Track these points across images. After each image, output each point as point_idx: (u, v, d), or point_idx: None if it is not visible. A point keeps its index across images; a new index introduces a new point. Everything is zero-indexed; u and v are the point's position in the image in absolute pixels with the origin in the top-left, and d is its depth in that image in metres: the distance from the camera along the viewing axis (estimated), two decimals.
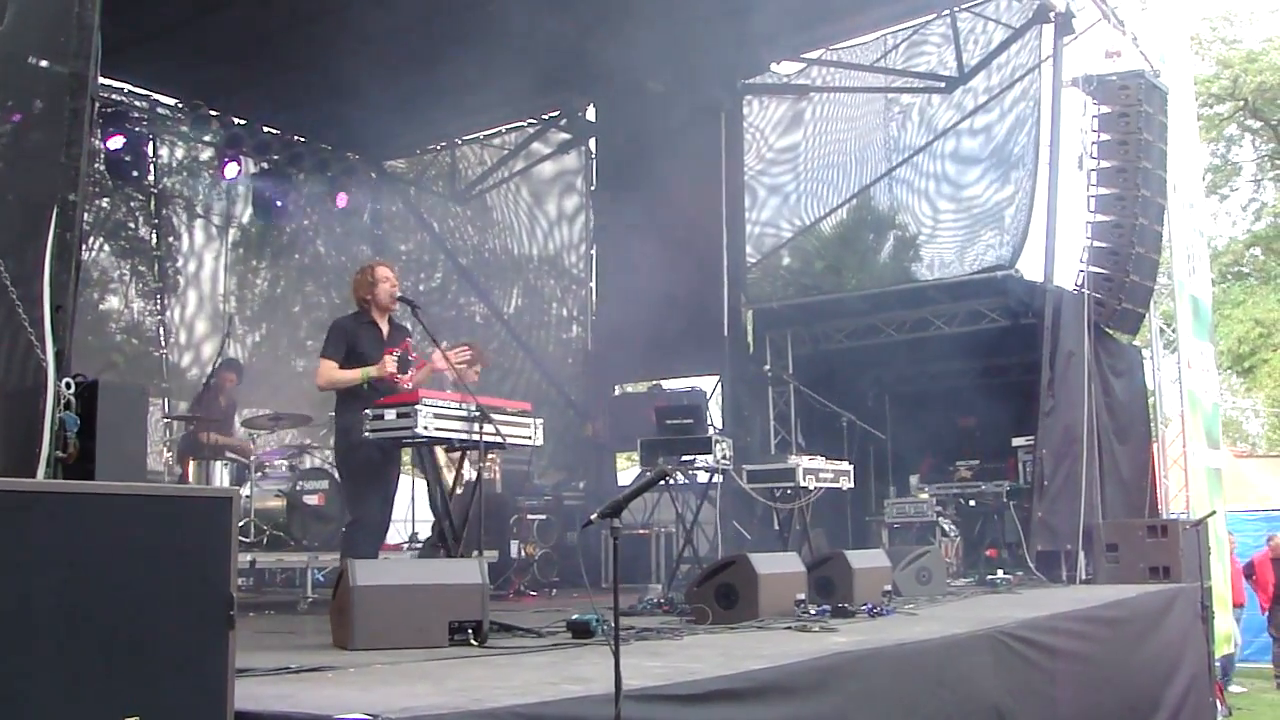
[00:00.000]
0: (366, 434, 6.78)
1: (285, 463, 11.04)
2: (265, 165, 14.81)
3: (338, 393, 7.63)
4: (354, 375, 7.42)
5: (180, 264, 14.48)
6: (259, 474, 10.51)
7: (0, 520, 2.80)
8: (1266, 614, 15.87)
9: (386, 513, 7.64)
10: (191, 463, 10.25)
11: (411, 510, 11.96)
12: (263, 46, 11.99)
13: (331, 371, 7.50)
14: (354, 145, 15.61)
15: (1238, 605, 14.97)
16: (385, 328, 7.74)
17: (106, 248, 13.72)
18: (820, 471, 9.65)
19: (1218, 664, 11.79)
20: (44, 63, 4.32)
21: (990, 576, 10.49)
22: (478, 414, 6.75)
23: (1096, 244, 12.27)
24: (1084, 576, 11.11)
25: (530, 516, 11.98)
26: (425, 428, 6.52)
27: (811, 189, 14.35)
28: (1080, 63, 12.34)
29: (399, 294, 7.74)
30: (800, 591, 7.26)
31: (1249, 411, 34.99)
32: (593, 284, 15.82)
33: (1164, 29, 13.75)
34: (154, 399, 12.94)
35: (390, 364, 7.41)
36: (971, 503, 12.10)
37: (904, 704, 5.23)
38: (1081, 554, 11.20)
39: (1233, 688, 14.53)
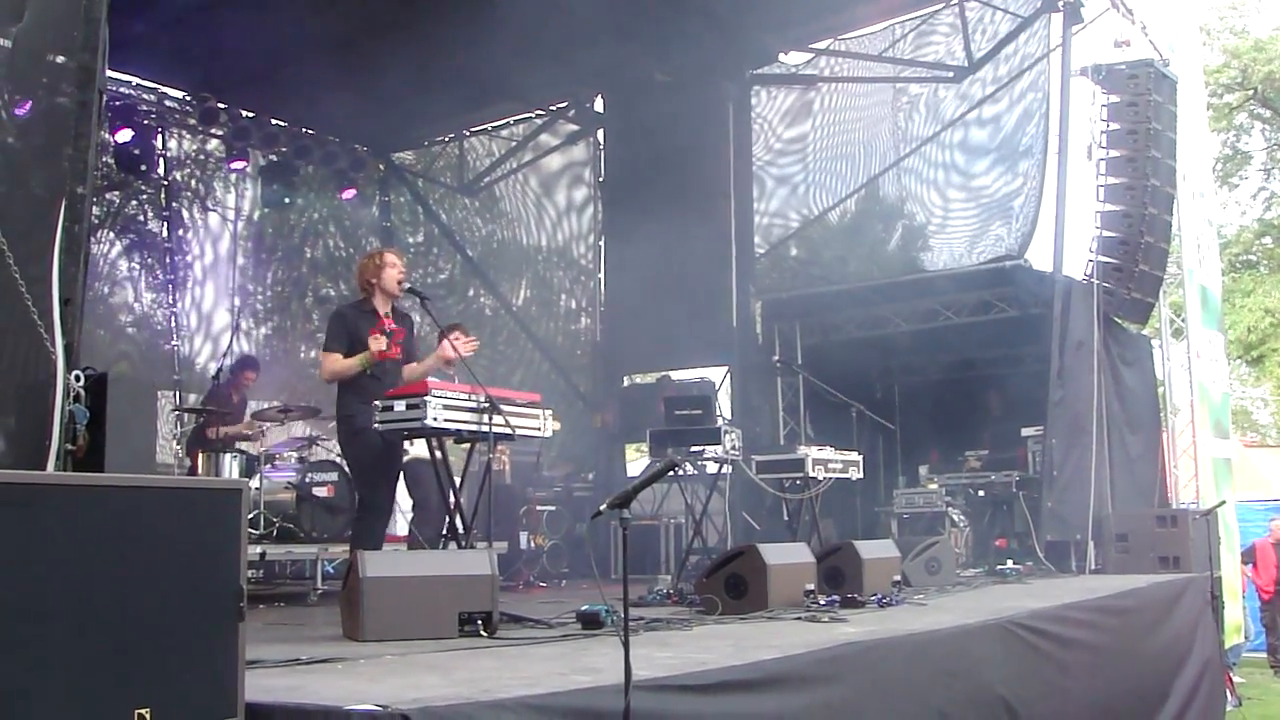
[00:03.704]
0: (376, 425, 6.79)
1: (295, 455, 11.05)
2: (273, 158, 14.84)
3: (339, 382, 7.65)
4: (353, 363, 7.44)
5: (190, 257, 14.49)
6: (268, 466, 10.53)
7: (10, 513, 2.81)
8: (1268, 601, 15.82)
9: (394, 496, 7.69)
10: (201, 455, 10.25)
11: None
12: (270, 39, 11.97)
13: (334, 364, 7.51)
14: (362, 137, 15.62)
15: None
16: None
17: (116, 241, 13.73)
18: (829, 462, 9.63)
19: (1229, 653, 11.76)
20: (53, 56, 4.33)
21: (1000, 567, 10.49)
22: (487, 405, 6.75)
23: (1106, 233, 12.24)
24: (1094, 566, 11.08)
25: (539, 508, 12.02)
26: (434, 419, 6.52)
27: (820, 179, 14.34)
28: (1089, 52, 12.32)
29: (408, 285, 7.73)
30: (809, 582, 7.26)
31: (1259, 401, 34.90)
32: (601, 275, 15.79)
33: (1173, 17, 13.68)
34: (165, 391, 12.96)
35: (376, 344, 7.43)
36: (981, 493, 12.10)
37: (914, 694, 5.22)
38: (1091, 544, 11.18)
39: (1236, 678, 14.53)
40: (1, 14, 4.24)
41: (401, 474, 7.73)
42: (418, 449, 7.68)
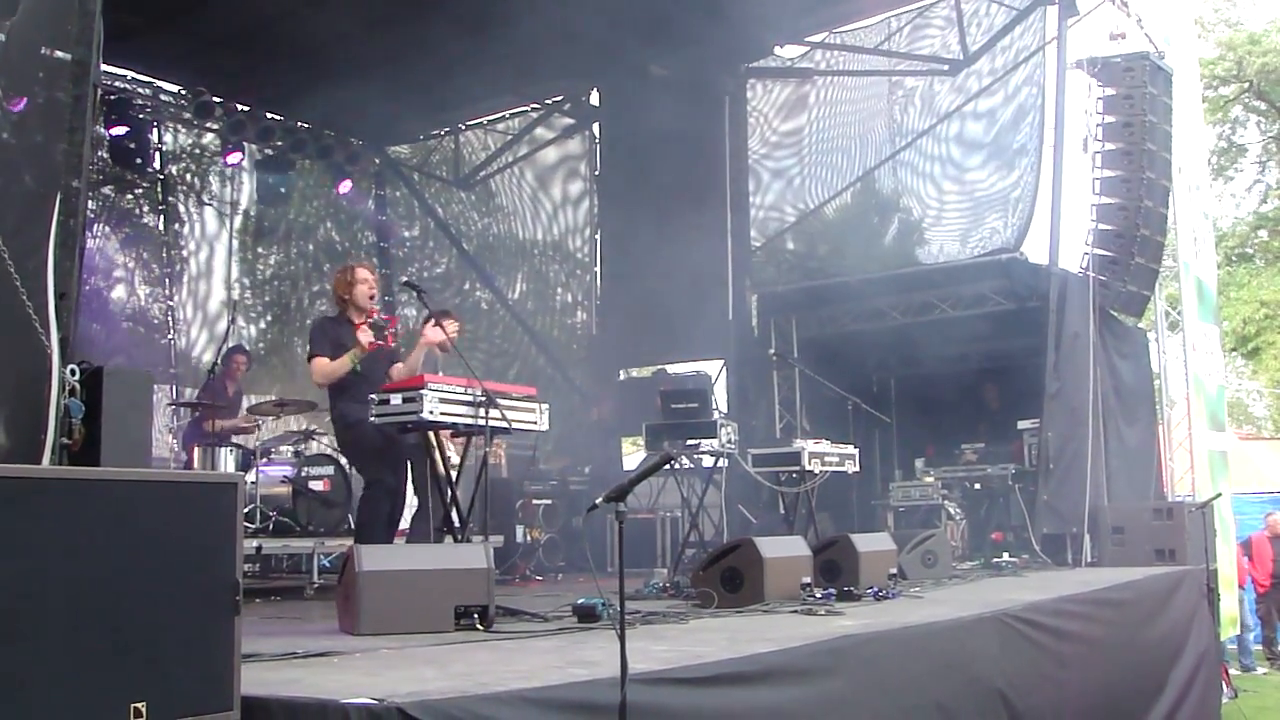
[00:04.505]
0: (372, 418, 6.77)
1: (291, 448, 11.04)
2: (269, 152, 14.82)
3: (329, 386, 7.65)
4: (344, 361, 7.47)
5: (186, 251, 14.49)
6: (265, 460, 10.52)
7: (6, 507, 2.80)
8: (1264, 594, 15.86)
9: (401, 479, 7.64)
10: (197, 449, 10.25)
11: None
12: (265, 33, 11.97)
13: (324, 365, 7.54)
14: (357, 131, 15.61)
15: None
16: None
17: (112, 235, 13.72)
18: (825, 455, 9.62)
19: (1230, 646, 11.78)
20: (47, 50, 4.32)
21: (996, 559, 10.49)
22: (483, 399, 6.74)
23: (1101, 226, 12.23)
24: (1090, 559, 11.09)
25: (535, 501, 11.99)
26: (431, 413, 6.51)
27: (815, 173, 14.35)
28: (1084, 44, 12.30)
29: (404, 279, 7.76)
30: (806, 575, 7.27)
31: (1255, 394, 34.92)
32: (597, 269, 15.81)
33: (1168, 10, 13.66)
34: (161, 385, 12.94)
35: (365, 336, 7.45)
36: (977, 486, 12.11)
37: (910, 687, 5.22)
38: (1087, 536, 11.18)
39: (1258, 670, 14.62)
40: None
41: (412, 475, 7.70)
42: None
